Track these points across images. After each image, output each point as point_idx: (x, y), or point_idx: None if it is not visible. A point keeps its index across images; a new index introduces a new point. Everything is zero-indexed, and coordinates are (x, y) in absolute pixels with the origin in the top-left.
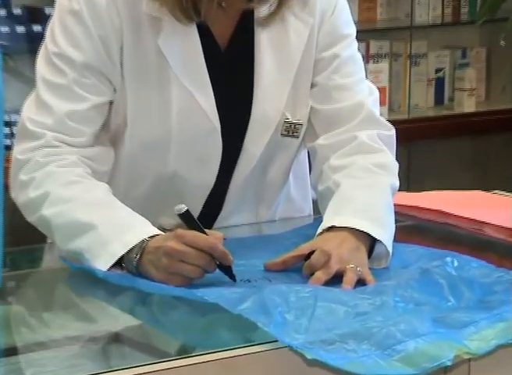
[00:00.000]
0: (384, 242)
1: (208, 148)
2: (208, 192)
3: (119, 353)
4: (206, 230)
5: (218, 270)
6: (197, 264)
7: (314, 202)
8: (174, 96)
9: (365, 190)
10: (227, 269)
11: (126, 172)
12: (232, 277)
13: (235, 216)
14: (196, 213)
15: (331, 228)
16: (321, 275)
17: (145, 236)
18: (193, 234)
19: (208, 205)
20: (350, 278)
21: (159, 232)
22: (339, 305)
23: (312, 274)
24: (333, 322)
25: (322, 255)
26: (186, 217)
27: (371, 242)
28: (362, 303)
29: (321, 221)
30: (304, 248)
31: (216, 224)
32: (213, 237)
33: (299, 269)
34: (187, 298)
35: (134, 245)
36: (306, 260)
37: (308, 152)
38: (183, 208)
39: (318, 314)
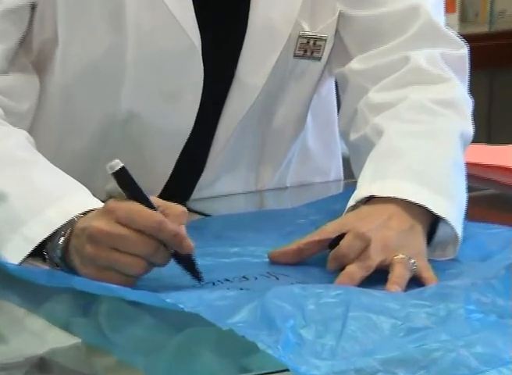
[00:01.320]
0: (450, 221)
1: (181, 77)
2: (181, 145)
3: None
4: (162, 202)
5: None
6: (136, 253)
7: (345, 160)
8: None
9: (422, 140)
10: (187, 263)
11: (58, 114)
12: (197, 275)
13: (223, 180)
14: (164, 178)
15: (370, 199)
16: (355, 270)
17: (77, 211)
18: (129, 208)
19: (183, 165)
20: (399, 275)
21: (99, 205)
22: (383, 316)
23: (342, 269)
24: (374, 341)
25: (357, 241)
26: (122, 179)
27: (431, 220)
28: (418, 313)
29: (355, 188)
30: (330, 230)
31: (195, 194)
32: (163, 213)
33: (321, 261)
34: (152, 305)
35: (61, 225)
36: (332, 248)
37: (336, 83)
38: (117, 164)
39: (350, 330)
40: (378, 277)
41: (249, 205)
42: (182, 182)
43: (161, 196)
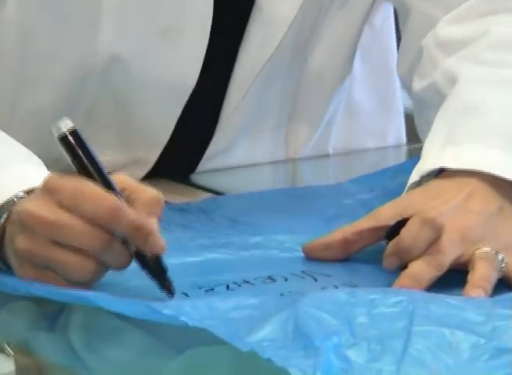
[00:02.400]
0: None
1: (182, 7)
2: (183, 100)
3: None
4: (128, 183)
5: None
6: (82, 249)
7: (408, 118)
8: None
9: (510, 90)
10: (153, 268)
11: (13, 62)
12: (167, 286)
13: (241, 146)
14: (160, 144)
15: (441, 172)
16: (422, 269)
17: (18, 187)
18: (74, 187)
19: (186, 127)
20: (482, 275)
21: None
22: (460, 332)
23: (404, 267)
24: (448, 367)
25: (425, 229)
26: (72, 145)
27: None
28: (508, 328)
29: (420, 157)
30: (387, 214)
31: (204, 164)
32: (128, 198)
33: (375, 256)
34: (146, 318)
35: None
36: (390, 239)
37: (395, 12)
38: (67, 124)
39: (415, 350)
40: (453, 278)
41: (276, 178)
42: (185, 149)
43: (156, 168)
